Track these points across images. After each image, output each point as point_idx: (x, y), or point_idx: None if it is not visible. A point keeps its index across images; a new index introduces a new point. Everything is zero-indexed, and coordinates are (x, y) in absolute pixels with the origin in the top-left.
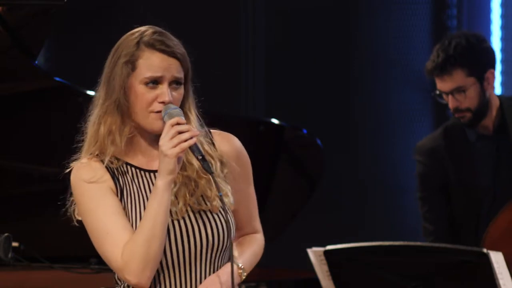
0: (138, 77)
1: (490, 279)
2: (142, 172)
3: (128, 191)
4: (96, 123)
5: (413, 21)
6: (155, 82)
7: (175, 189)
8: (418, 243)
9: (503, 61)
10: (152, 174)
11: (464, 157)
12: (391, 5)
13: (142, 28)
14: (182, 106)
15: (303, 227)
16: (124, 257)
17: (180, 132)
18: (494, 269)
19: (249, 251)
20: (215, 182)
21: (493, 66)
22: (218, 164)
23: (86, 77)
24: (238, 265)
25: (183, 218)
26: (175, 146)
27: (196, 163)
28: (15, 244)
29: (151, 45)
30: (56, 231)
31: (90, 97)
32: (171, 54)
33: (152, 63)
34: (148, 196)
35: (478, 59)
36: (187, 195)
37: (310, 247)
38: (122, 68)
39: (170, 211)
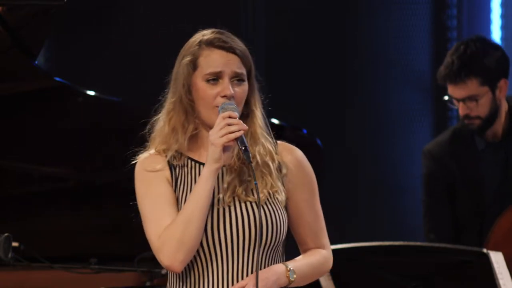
0: (199, 75)
1: (490, 279)
2: (197, 164)
3: (183, 182)
4: (162, 121)
5: (413, 21)
6: (216, 78)
7: (228, 178)
8: (418, 243)
9: None
10: (200, 166)
11: (472, 164)
12: (391, 5)
13: (205, 31)
14: (247, 103)
15: None
16: (161, 238)
17: (229, 125)
18: (494, 269)
19: (305, 260)
20: (253, 170)
21: (506, 75)
22: (275, 164)
23: (86, 77)
24: (286, 267)
25: (229, 207)
26: (222, 136)
27: (257, 156)
28: (15, 244)
29: (210, 43)
30: (56, 231)
31: (90, 97)
32: (230, 49)
33: (211, 59)
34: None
35: (492, 69)
36: (238, 186)
37: None
38: (184, 67)
39: (218, 199)
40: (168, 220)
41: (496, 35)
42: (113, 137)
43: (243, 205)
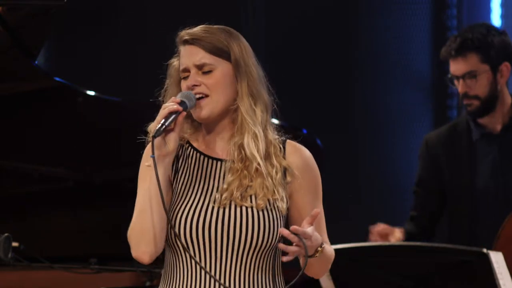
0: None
1: (490, 279)
2: (202, 156)
3: (185, 173)
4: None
5: (413, 21)
6: (186, 72)
7: (230, 179)
8: (418, 243)
9: None
10: (208, 159)
11: (463, 154)
12: (391, 5)
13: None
14: (239, 91)
15: None
16: (129, 229)
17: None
18: (494, 269)
19: (330, 248)
20: (152, 145)
21: (509, 59)
22: (280, 171)
23: (86, 77)
24: (320, 238)
25: (224, 208)
26: (155, 121)
27: (257, 160)
28: (15, 244)
29: (179, 40)
30: (56, 231)
31: (90, 97)
32: (190, 42)
33: (181, 57)
34: (198, 179)
35: (495, 48)
36: (235, 190)
37: None
38: (172, 69)
39: (215, 198)
40: None
41: None
42: (113, 137)
43: (238, 209)
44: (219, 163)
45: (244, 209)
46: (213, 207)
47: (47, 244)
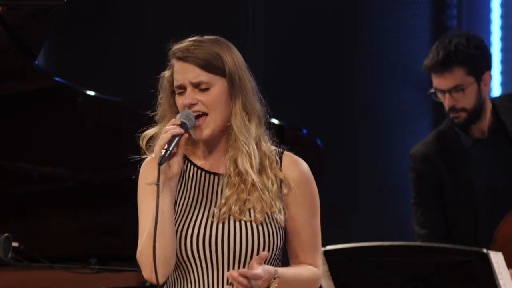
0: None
1: (490, 279)
2: (199, 171)
3: (184, 188)
4: (158, 128)
5: (413, 21)
6: (182, 91)
7: (228, 193)
8: (418, 243)
9: (503, 61)
10: (206, 174)
11: (459, 162)
12: (391, 5)
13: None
14: (233, 109)
15: None
16: (139, 253)
17: (165, 133)
18: (494, 269)
19: (294, 271)
20: (159, 172)
21: (490, 68)
22: (276, 182)
23: (86, 77)
24: (274, 269)
25: (223, 223)
26: (157, 145)
27: (252, 176)
28: (15, 244)
29: (174, 55)
30: (56, 231)
31: (90, 97)
32: (185, 59)
33: (175, 72)
34: (197, 195)
35: (478, 59)
36: (233, 204)
37: None
38: (165, 81)
39: (213, 213)
40: None
41: (496, 35)
42: (113, 137)
43: (237, 223)
44: (216, 177)
45: (243, 223)
46: (212, 222)
47: (47, 244)
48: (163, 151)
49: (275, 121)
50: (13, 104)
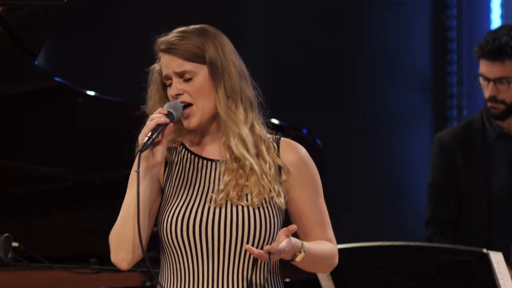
0: None
1: (490, 279)
2: (196, 158)
3: (178, 174)
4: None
5: (413, 21)
6: (168, 79)
7: (226, 179)
8: (418, 243)
9: None
10: (202, 160)
11: (479, 154)
12: (391, 5)
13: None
14: (216, 96)
15: None
16: (110, 234)
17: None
18: (494, 269)
19: (317, 246)
20: (139, 159)
21: None
22: (273, 166)
23: (86, 77)
24: (300, 243)
25: (220, 208)
26: (141, 133)
27: (249, 159)
28: (15, 244)
29: (158, 48)
30: (56, 231)
31: (90, 97)
32: (167, 50)
33: (161, 64)
34: (193, 181)
35: None
36: (232, 189)
37: None
38: (155, 74)
39: (211, 198)
40: None
41: None
42: (113, 137)
43: (234, 208)
44: (213, 164)
45: (240, 208)
46: (209, 207)
47: (47, 244)
48: (146, 138)
49: (275, 121)
50: (13, 104)
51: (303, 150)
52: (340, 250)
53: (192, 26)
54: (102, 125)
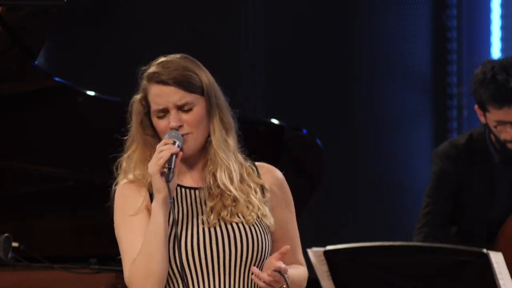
0: (152, 111)
1: (490, 279)
2: (182, 189)
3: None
4: (130, 150)
5: (413, 21)
6: (163, 112)
7: (211, 203)
8: (418, 243)
9: None
10: (189, 190)
11: (485, 174)
12: (391, 5)
13: (153, 62)
14: (211, 126)
15: (303, 227)
16: (130, 272)
17: (161, 152)
18: (494, 269)
19: (294, 271)
20: (169, 189)
21: None
22: (259, 189)
23: (86, 77)
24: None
25: (214, 227)
26: (155, 164)
27: (234, 192)
28: (15, 244)
29: (150, 79)
30: (56, 231)
31: (90, 97)
32: (165, 83)
33: (154, 96)
34: (183, 209)
35: None
36: (222, 209)
37: (310, 247)
38: (138, 103)
39: (202, 220)
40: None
41: (496, 35)
42: (113, 137)
43: (228, 226)
44: (196, 191)
45: (234, 225)
46: (203, 229)
47: (47, 244)
48: (166, 169)
49: (275, 121)
50: (13, 104)
51: (278, 172)
52: (340, 250)
53: (173, 56)
54: (102, 125)
